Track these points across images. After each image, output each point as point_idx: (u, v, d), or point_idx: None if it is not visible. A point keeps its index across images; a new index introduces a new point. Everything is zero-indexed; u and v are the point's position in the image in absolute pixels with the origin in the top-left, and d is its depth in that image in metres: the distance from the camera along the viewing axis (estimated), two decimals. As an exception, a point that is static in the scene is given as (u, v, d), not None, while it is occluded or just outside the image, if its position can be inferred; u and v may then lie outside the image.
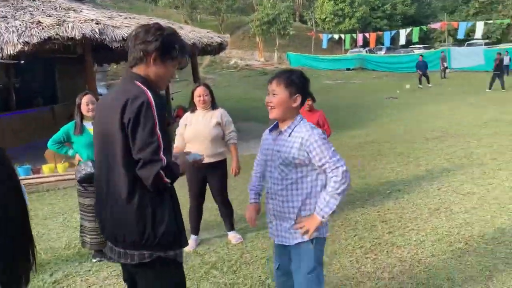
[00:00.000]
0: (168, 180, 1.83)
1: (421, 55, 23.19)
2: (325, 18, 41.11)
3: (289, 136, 2.25)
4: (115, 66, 30.03)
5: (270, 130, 2.41)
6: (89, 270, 3.84)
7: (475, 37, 29.83)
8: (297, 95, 2.24)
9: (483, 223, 4.23)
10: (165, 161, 1.80)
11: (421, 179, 6.00)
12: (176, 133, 4.26)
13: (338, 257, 3.73)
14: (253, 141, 8.80)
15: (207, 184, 4.24)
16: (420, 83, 21.54)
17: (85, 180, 3.75)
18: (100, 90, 16.04)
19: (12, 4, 9.06)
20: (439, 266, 3.41)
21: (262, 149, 2.45)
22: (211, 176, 4.17)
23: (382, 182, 6.00)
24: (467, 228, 4.12)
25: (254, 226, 2.56)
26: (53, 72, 13.35)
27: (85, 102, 3.85)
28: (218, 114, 4.13)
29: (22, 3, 9.18)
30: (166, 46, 1.91)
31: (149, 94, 1.83)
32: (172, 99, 17.05)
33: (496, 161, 6.64)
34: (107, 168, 1.91)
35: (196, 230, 4.26)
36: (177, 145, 4.18)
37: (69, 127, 3.97)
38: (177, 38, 1.98)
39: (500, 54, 18.58)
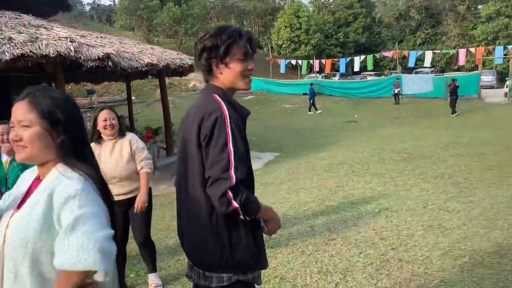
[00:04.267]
0: (236, 205, 1.65)
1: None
2: (282, 44, 42.23)
3: None
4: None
5: None
6: None
7: (424, 66, 31.67)
8: None
9: (479, 237, 4.42)
10: (234, 179, 1.64)
11: (404, 198, 6.19)
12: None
13: (351, 273, 3.77)
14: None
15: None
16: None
17: None
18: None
19: (-23, 19, 8.64)
20: (454, 280, 3.52)
21: None
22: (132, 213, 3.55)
23: (367, 202, 6.14)
24: (466, 243, 4.30)
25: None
26: (8, 91, 12.66)
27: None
28: (127, 143, 3.58)
29: (-13, 18, 8.77)
30: (215, 47, 1.80)
31: (224, 107, 1.74)
32: (136, 120, 16.69)
33: (468, 180, 7.00)
34: (186, 185, 1.85)
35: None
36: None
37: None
38: (224, 31, 1.81)
39: (454, 80, 19.76)
